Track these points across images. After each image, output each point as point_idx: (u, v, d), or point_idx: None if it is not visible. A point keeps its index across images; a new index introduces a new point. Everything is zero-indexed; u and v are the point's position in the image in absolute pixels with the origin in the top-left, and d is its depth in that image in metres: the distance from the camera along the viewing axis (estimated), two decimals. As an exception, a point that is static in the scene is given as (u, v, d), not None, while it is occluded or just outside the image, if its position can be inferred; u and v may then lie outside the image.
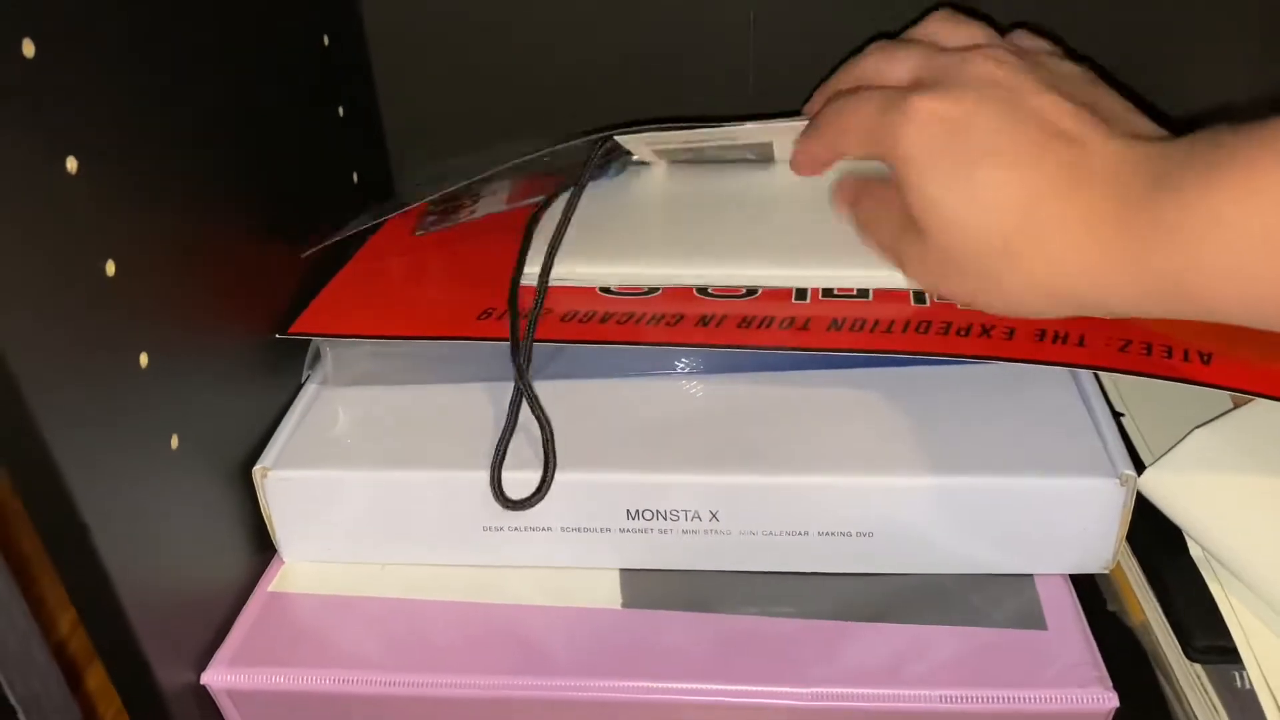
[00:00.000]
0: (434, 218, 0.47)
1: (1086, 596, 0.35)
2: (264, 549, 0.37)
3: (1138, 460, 0.34)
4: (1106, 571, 0.35)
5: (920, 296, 0.37)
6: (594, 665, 0.33)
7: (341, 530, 0.36)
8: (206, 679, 0.33)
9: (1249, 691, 0.31)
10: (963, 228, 0.30)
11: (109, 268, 0.29)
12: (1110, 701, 0.31)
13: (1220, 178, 0.25)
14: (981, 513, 0.34)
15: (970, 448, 0.34)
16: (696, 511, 0.34)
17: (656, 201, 0.43)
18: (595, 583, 0.36)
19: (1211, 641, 0.32)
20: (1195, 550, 0.33)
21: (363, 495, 0.36)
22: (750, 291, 0.38)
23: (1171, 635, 0.33)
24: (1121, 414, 0.37)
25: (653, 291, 0.38)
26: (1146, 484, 0.33)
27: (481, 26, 0.49)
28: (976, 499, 0.34)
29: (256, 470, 0.36)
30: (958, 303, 0.35)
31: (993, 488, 0.33)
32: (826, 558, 0.35)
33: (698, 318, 0.37)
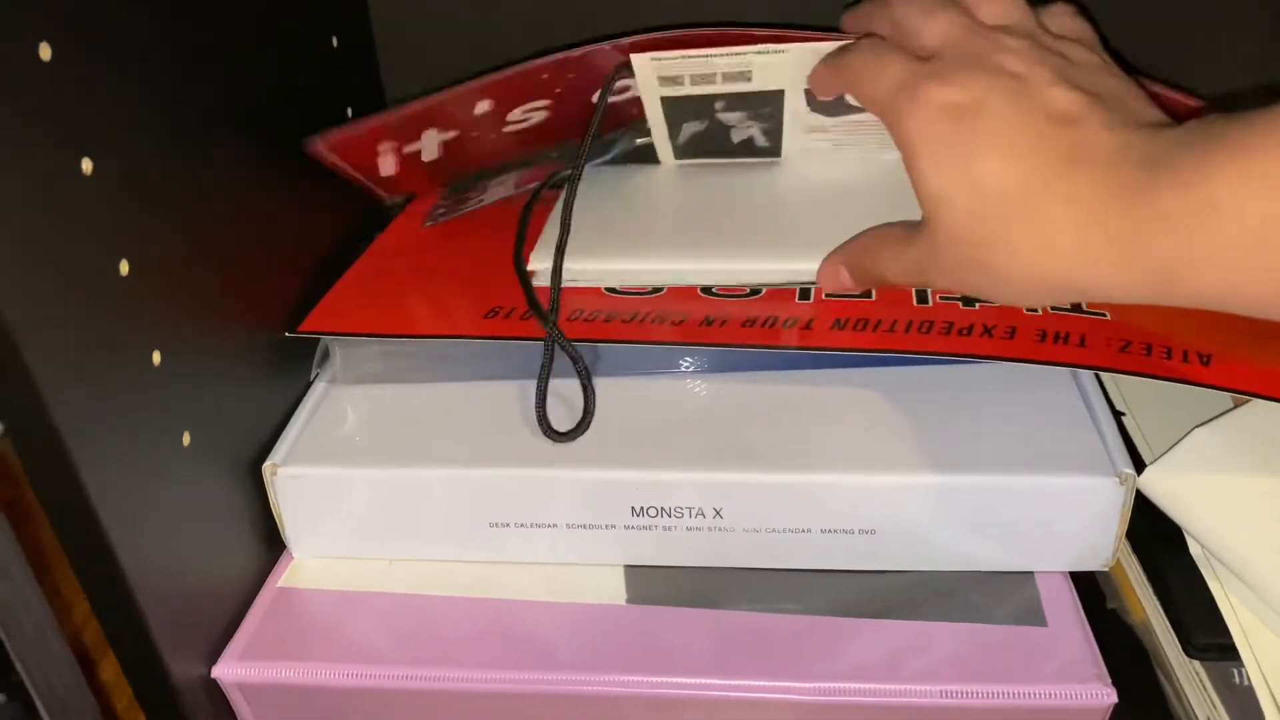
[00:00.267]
0: (444, 209, 0.47)
1: (1087, 594, 0.35)
2: (273, 545, 0.38)
3: (1138, 459, 0.34)
4: (1106, 569, 0.35)
5: (922, 296, 0.37)
6: (599, 660, 0.33)
7: (350, 526, 0.37)
8: (217, 672, 0.34)
9: (1248, 688, 0.31)
10: (961, 214, 0.30)
11: (123, 267, 0.29)
12: (1109, 698, 0.31)
13: (1217, 163, 0.25)
14: (983, 511, 0.34)
15: (972, 446, 0.35)
16: (701, 509, 0.35)
17: (661, 199, 0.43)
18: (600, 579, 0.36)
19: (1210, 639, 0.32)
20: (1195, 548, 0.34)
21: (371, 492, 0.36)
22: (754, 291, 0.38)
23: (1171, 633, 0.33)
24: (1122, 413, 0.37)
25: (657, 291, 0.39)
26: (1146, 483, 0.34)
27: (489, 28, 0.49)
28: (978, 497, 0.34)
29: (266, 467, 0.36)
30: (952, 291, 0.35)
31: (994, 486, 0.34)
32: (829, 555, 0.35)
33: (702, 317, 0.37)
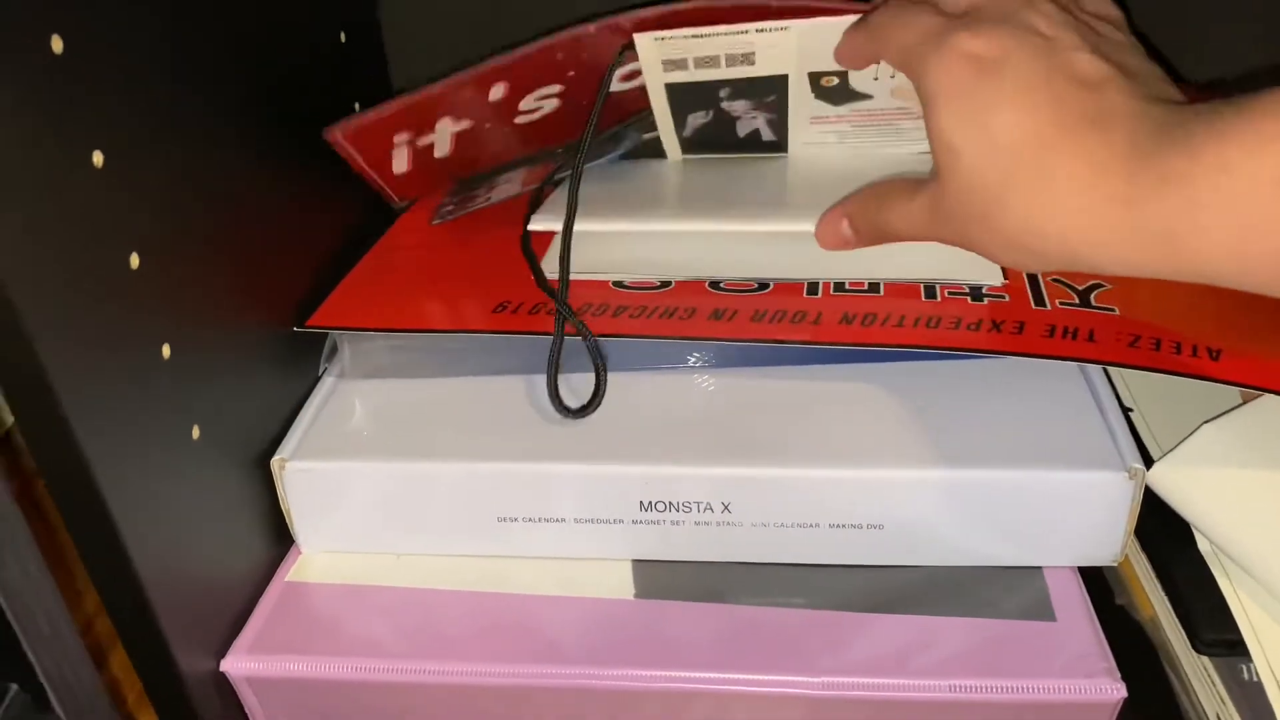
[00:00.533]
0: (451, 206, 0.47)
1: (1094, 590, 0.35)
2: (281, 539, 0.38)
3: (1145, 455, 0.34)
4: (1115, 564, 0.35)
5: (931, 291, 0.37)
6: (607, 654, 0.33)
7: (358, 520, 0.37)
8: (226, 666, 0.34)
9: (1256, 684, 0.31)
10: (970, 163, 0.30)
11: (133, 261, 0.29)
12: (1118, 692, 0.31)
13: (1231, 127, 0.25)
14: (991, 506, 0.34)
15: (980, 441, 0.35)
16: (708, 503, 0.35)
17: (667, 178, 0.43)
18: (608, 573, 0.36)
19: (1219, 634, 0.32)
20: (1203, 544, 0.34)
21: (379, 486, 0.36)
22: (762, 285, 0.38)
23: (1179, 628, 0.33)
24: (1130, 409, 0.37)
25: (665, 285, 0.39)
26: (1155, 478, 0.33)
27: (497, 26, 0.49)
28: (986, 492, 0.34)
29: (275, 461, 0.36)
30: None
31: (1002, 481, 0.34)
32: (837, 549, 0.35)
33: (710, 311, 0.37)
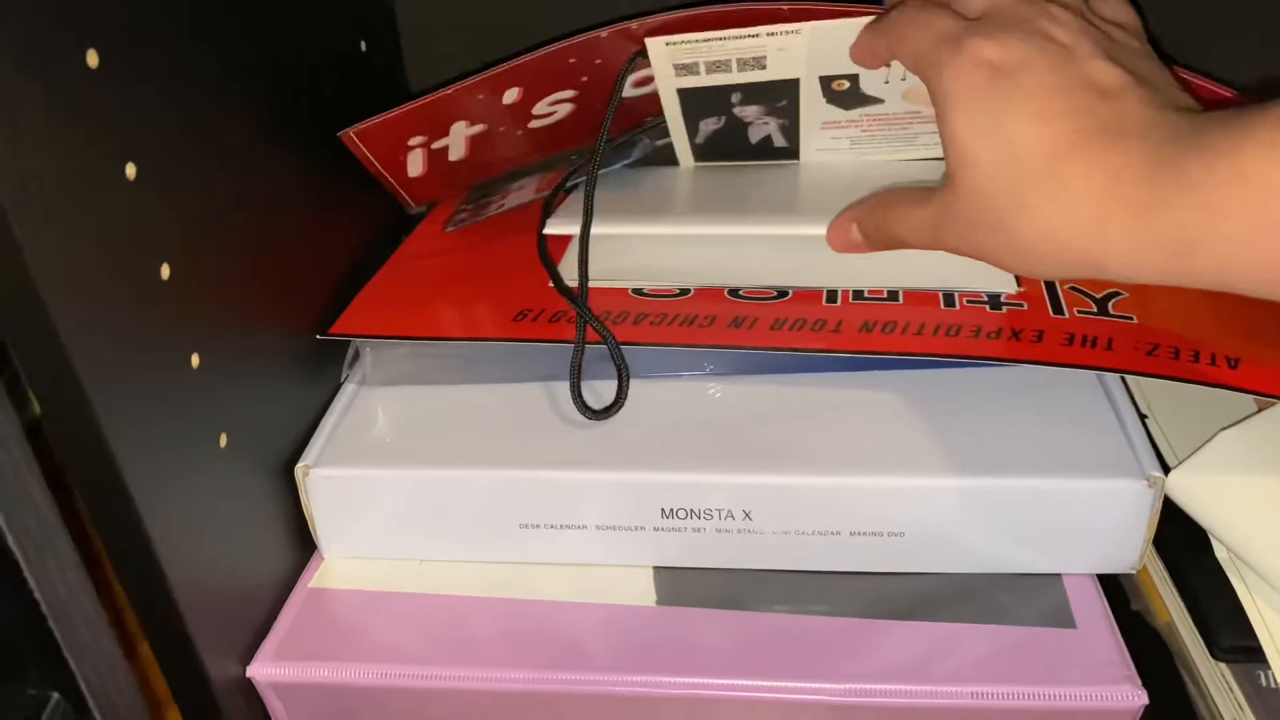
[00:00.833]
0: (465, 214, 0.47)
1: (1111, 596, 0.35)
2: (304, 545, 0.38)
3: (1161, 463, 0.35)
4: (1133, 572, 0.36)
5: (950, 299, 0.37)
6: (629, 661, 0.34)
7: (380, 527, 0.37)
8: (252, 672, 0.34)
9: (1274, 690, 0.31)
10: (986, 170, 0.30)
11: (164, 271, 0.29)
12: (1140, 699, 0.31)
13: (1250, 135, 0.25)
14: (1011, 513, 0.34)
15: (1000, 450, 0.35)
16: (730, 511, 0.35)
17: (682, 183, 0.44)
18: (630, 580, 0.36)
19: (1236, 641, 0.32)
20: (1220, 551, 0.34)
21: (401, 493, 0.36)
22: (781, 294, 0.38)
23: (1197, 635, 0.34)
24: (1145, 416, 0.37)
25: (685, 293, 0.39)
26: (1172, 486, 0.34)
27: (516, 35, 0.49)
28: (1006, 500, 0.34)
29: (298, 468, 0.36)
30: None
31: (1022, 489, 0.34)
32: (858, 557, 0.36)
33: (730, 319, 0.37)
